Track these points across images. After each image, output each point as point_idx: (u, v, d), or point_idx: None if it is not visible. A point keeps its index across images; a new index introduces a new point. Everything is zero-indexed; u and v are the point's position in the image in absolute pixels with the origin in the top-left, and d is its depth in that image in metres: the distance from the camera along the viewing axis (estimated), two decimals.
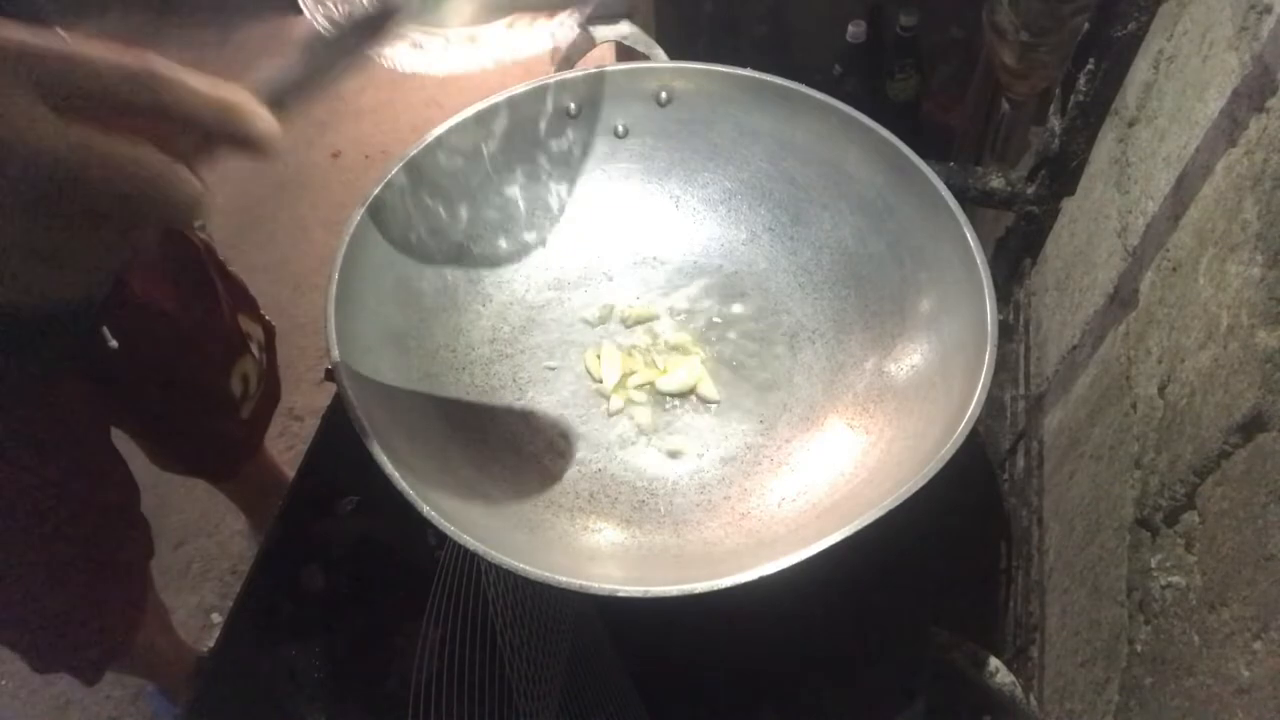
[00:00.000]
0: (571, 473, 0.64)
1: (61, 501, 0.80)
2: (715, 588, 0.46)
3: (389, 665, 0.66)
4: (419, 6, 0.44)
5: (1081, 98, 0.70)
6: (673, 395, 0.68)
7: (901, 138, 0.65)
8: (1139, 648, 0.48)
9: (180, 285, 0.85)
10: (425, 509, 0.48)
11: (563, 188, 0.74)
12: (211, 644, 0.66)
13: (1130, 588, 0.50)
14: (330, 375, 0.55)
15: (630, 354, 0.69)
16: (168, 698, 1.33)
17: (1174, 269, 0.52)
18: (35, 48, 0.29)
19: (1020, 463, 0.74)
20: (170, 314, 0.84)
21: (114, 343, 0.76)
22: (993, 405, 0.79)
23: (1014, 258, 0.84)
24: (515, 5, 0.53)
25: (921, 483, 0.49)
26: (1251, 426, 0.39)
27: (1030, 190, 0.78)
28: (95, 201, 0.29)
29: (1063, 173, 0.75)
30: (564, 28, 0.51)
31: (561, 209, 0.74)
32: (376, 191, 0.62)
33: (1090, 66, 0.69)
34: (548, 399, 0.68)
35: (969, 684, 0.56)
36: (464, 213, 0.70)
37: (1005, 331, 0.83)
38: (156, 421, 0.88)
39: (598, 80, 0.71)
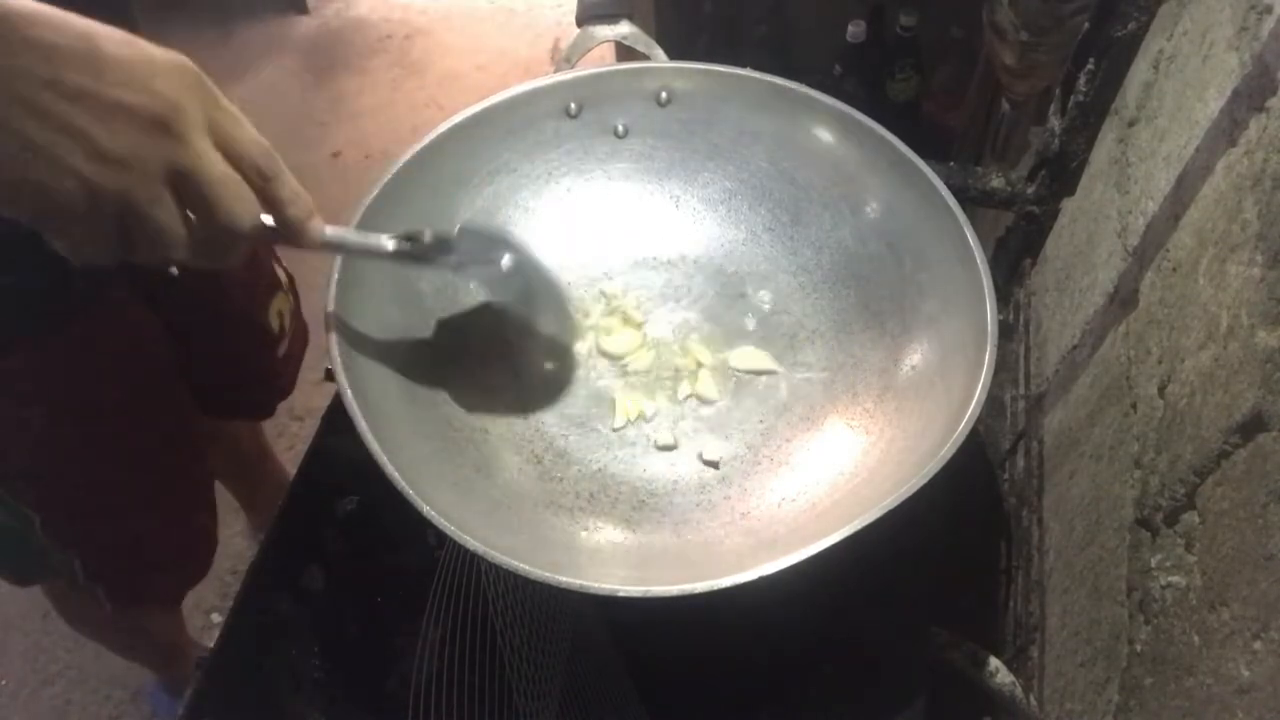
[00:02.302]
0: (571, 473, 0.64)
1: (135, 422, 0.83)
2: (715, 588, 0.46)
3: (389, 665, 0.66)
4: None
5: (1081, 98, 0.70)
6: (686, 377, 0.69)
7: (901, 138, 0.65)
8: (1139, 648, 0.48)
9: None
10: (425, 509, 0.48)
11: (563, 188, 0.74)
12: (211, 644, 0.66)
13: (1130, 588, 0.50)
14: (330, 375, 0.55)
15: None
16: (168, 694, 1.33)
17: (1174, 269, 0.52)
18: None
19: (1020, 463, 0.74)
20: None
21: (175, 270, 0.78)
22: (993, 405, 0.79)
23: (1014, 258, 0.84)
24: None
25: (921, 483, 0.49)
26: (1251, 426, 0.39)
27: (1030, 190, 0.78)
28: None
29: (1063, 173, 0.75)
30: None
31: (562, 209, 0.74)
32: (376, 192, 0.62)
33: (1090, 66, 0.69)
34: (548, 398, 0.68)
35: (969, 684, 0.56)
36: (464, 213, 0.70)
37: (1005, 331, 0.83)
38: (206, 355, 0.90)
39: (598, 80, 0.71)
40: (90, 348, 0.76)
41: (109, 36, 0.36)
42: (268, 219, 0.45)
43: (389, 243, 0.54)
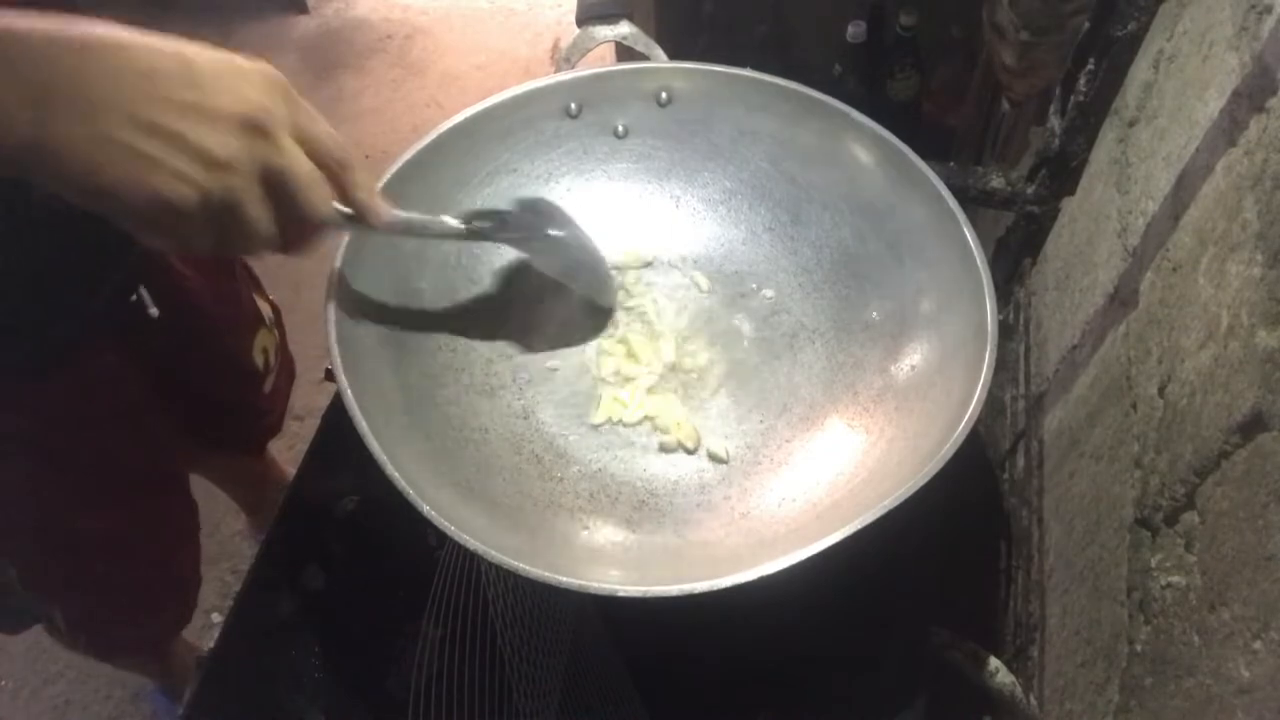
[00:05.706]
0: (571, 472, 0.64)
1: (114, 469, 0.82)
2: (715, 588, 0.46)
3: (389, 665, 0.66)
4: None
5: (1081, 98, 0.70)
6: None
7: (901, 138, 0.65)
8: (1139, 648, 0.48)
9: (204, 258, 0.87)
10: (425, 509, 0.48)
11: (563, 188, 0.74)
12: (211, 644, 0.66)
13: (1130, 588, 0.50)
14: (330, 375, 0.55)
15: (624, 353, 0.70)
16: (168, 696, 1.33)
17: (1174, 269, 0.52)
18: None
19: (1020, 463, 0.73)
20: (198, 284, 0.85)
21: (155, 310, 0.77)
22: (993, 405, 0.79)
23: (1014, 258, 0.84)
24: None
25: (921, 483, 0.49)
26: (1251, 426, 0.39)
27: (1030, 190, 0.78)
28: None
29: (1063, 173, 0.75)
30: None
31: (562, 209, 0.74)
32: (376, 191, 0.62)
33: (1090, 66, 0.69)
34: (548, 398, 0.68)
35: (969, 684, 0.56)
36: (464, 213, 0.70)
37: (1005, 331, 0.83)
38: (189, 396, 0.89)
39: (598, 80, 0.71)
40: (65, 395, 0.74)
41: (199, 52, 0.39)
42: (342, 208, 0.49)
43: (453, 222, 0.59)
